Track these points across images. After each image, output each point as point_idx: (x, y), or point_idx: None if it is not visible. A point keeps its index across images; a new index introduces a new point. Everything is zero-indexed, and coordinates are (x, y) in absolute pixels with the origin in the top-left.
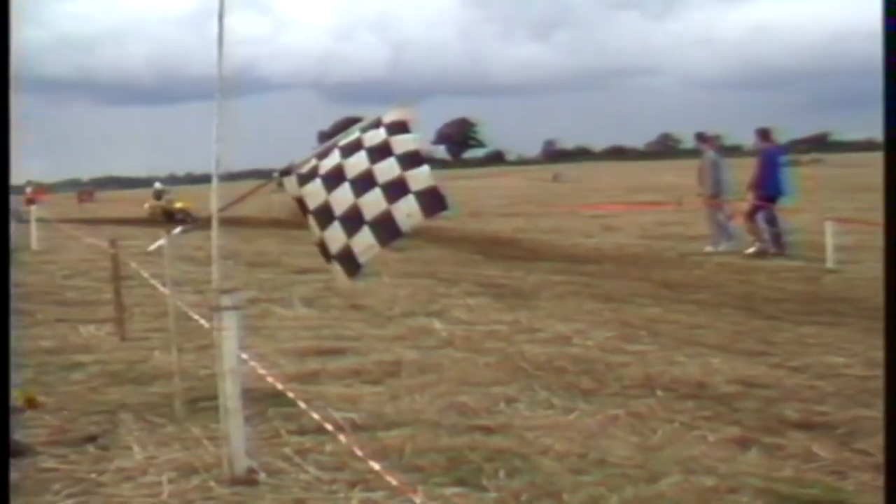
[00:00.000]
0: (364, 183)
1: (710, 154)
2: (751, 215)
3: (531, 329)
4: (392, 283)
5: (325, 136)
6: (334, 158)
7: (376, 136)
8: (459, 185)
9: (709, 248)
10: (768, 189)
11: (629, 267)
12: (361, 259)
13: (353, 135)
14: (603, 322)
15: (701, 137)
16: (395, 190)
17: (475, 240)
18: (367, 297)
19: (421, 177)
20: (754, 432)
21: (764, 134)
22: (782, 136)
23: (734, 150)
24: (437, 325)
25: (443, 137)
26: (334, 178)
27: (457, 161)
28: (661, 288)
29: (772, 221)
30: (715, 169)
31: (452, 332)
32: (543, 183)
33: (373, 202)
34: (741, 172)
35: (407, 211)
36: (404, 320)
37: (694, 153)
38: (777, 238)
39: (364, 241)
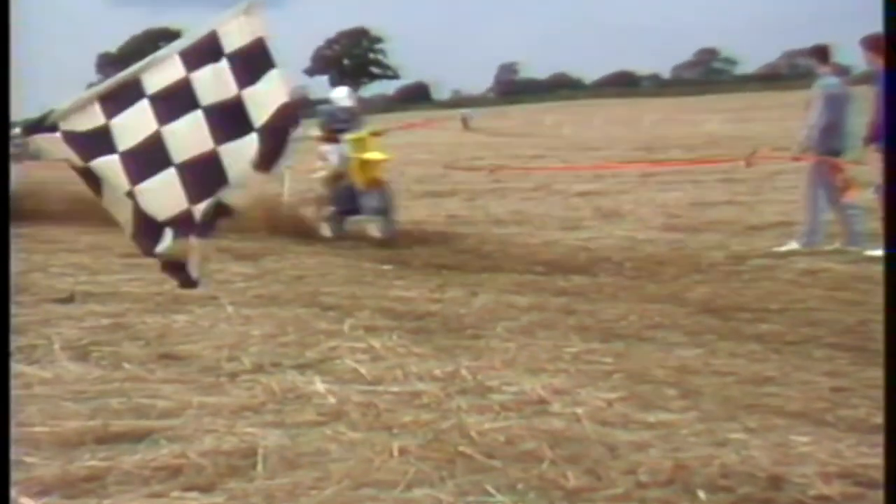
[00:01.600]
0: (201, 176)
1: (830, 80)
2: (879, 190)
3: (478, 388)
4: (238, 316)
5: (111, 64)
6: (140, 113)
7: (215, 77)
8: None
9: (791, 245)
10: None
11: (644, 279)
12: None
13: (167, 68)
14: (601, 374)
15: (819, 53)
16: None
17: (382, 238)
18: (191, 340)
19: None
20: None
21: (877, 44)
22: None
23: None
24: (317, 385)
25: (322, 63)
26: (147, 159)
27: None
28: (700, 314)
29: None
30: (836, 107)
31: (344, 398)
32: (497, 138)
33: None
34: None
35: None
36: (258, 378)
37: (742, 84)
38: None
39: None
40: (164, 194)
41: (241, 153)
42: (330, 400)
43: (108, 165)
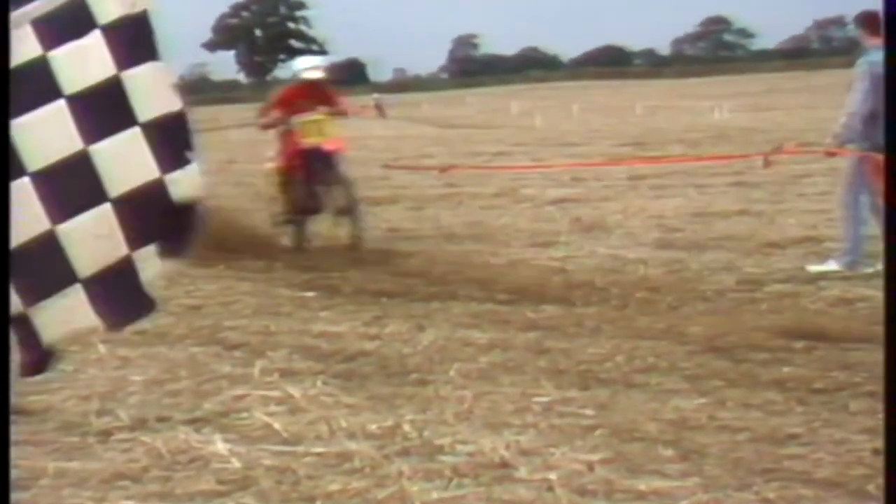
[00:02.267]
0: (66, 188)
1: (878, 56)
2: None
3: (425, 447)
4: (113, 357)
5: None
6: None
7: (82, 56)
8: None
9: (828, 265)
10: None
11: (634, 309)
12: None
13: (21, 42)
14: (579, 430)
15: (869, 21)
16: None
17: (303, 255)
18: (48, 389)
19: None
20: None
21: (871, 22)
22: None
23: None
24: (218, 444)
25: (228, 35)
26: None
27: (259, 84)
28: (704, 354)
29: None
30: (878, 87)
31: (253, 461)
32: (451, 130)
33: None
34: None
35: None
36: (139, 437)
37: (760, 61)
38: None
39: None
40: (20, 216)
41: (118, 153)
42: (234, 464)
43: None
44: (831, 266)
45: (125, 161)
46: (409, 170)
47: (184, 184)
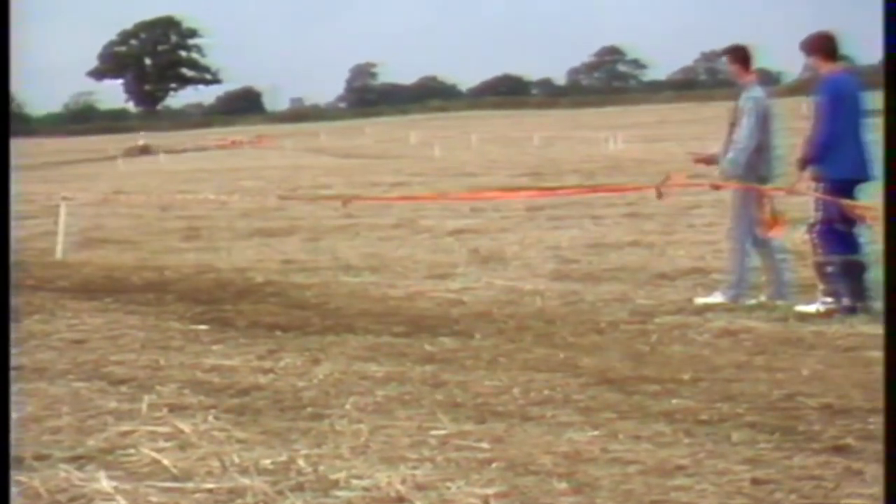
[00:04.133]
0: None
1: (754, 93)
2: (814, 229)
3: (320, 482)
4: None
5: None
6: None
7: None
8: (163, 169)
9: (715, 298)
10: (838, 165)
11: (530, 341)
12: None
13: None
14: (475, 464)
15: (739, 56)
16: None
17: (183, 289)
18: None
19: None
20: None
21: (821, 46)
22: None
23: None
24: (102, 482)
25: (116, 63)
26: None
27: (149, 114)
28: (597, 386)
29: (848, 242)
30: (762, 122)
31: (139, 498)
32: (349, 160)
33: None
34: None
35: None
36: (14, 476)
37: (653, 92)
38: (857, 277)
39: None
40: None
41: None
42: (120, 502)
43: None
44: (717, 298)
45: None
46: (304, 201)
47: None
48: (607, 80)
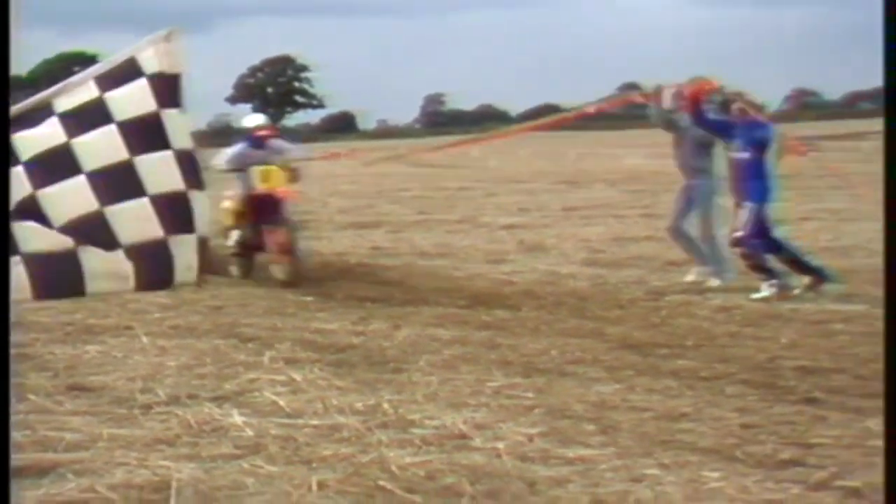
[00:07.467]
0: (115, 182)
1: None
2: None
3: (400, 422)
4: (154, 347)
5: (21, 89)
6: (48, 128)
7: (131, 95)
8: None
9: (695, 277)
10: (752, 193)
11: (565, 314)
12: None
13: (81, 92)
14: (522, 409)
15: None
16: (173, 209)
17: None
18: (103, 371)
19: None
20: None
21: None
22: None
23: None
24: (235, 417)
25: (245, 91)
26: (53, 167)
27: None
28: (619, 350)
29: (772, 245)
30: (698, 147)
31: (262, 430)
32: (423, 169)
33: (132, 217)
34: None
35: (187, 263)
36: (173, 410)
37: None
38: (798, 265)
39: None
40: (69, 200)
41: (154, 166)
42: (247, 433)
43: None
44: (696, 277)
45: (160, 171)
46: (324, 159)
47: (201, 201)
48: (628, 108)
